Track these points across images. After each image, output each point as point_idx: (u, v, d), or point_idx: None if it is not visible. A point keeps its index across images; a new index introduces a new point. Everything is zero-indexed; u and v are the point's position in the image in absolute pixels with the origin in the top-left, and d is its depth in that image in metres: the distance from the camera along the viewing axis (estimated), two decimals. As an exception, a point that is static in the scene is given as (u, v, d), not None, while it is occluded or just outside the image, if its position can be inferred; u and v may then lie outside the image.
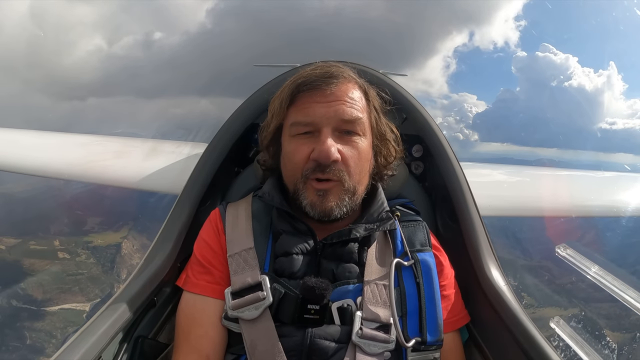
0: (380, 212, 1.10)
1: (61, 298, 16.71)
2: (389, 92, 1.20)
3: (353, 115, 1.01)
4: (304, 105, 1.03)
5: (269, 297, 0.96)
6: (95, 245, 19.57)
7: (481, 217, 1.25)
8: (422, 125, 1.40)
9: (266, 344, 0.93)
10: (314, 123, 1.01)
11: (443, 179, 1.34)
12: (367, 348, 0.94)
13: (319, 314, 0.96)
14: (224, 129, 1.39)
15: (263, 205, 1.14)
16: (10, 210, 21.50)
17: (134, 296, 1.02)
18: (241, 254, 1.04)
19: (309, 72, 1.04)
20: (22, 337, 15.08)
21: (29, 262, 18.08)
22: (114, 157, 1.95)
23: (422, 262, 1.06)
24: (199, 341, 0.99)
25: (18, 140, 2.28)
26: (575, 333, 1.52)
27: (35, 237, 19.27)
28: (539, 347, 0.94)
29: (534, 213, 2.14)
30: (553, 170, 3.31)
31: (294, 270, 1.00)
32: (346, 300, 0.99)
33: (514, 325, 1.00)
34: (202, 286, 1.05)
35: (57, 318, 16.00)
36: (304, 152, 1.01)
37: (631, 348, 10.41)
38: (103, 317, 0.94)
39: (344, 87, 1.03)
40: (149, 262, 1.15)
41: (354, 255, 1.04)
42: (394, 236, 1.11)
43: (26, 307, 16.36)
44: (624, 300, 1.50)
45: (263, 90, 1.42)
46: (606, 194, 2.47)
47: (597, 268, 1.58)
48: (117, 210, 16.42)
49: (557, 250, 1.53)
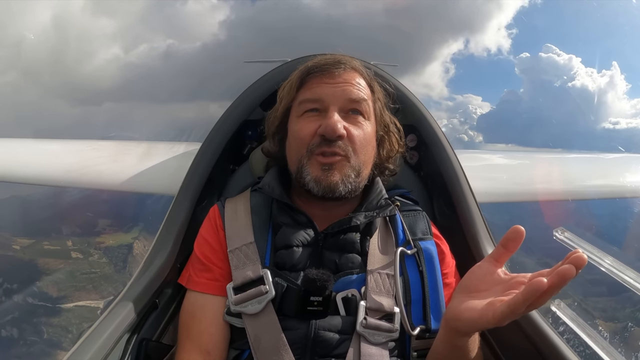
0: (379, 200, 1.11)
1: (76, 295, 17.30)
2: (383, 82, 1.21)
3: (360, 95, 1.05)
4: (312, 85, 1.07)
5: (271, 291, 0.97)
6: (107, 245, 20.11)
7: (478, 204, 1.25)
8: (415, 114, 1.40)
9: (270, 338, 0.93)
10: (322, 100, 1.04)
11: (438, 168, 1.34)
12: (371, 338, 0.95)
13: (322, 305, 0.96)
14: (217, 127, 1.39)
15: (262, 199, 1.14)
16: (22, 212, 21.90)
17: (135, 299, 1.02)
18: (241, 248, 1.04)
19: (320, 59, 1.10)
20: (40, 332, 15.69)
21: (43, 262, 18.69)
22: (108, 162, 1.94)
23: (424, 250, 1.06)
24: (200, 338, 1.00)
25: (11, 149, 2.27)
26: (577, 316, 1.53)
27: (48, 237, 19.84)
28: (541, 331, 0.95)
29: (531, 198, 2.14)
30: (549, 154, 3.32)
31: (294, 262, 1.01)
32: (350, 290, 0.99)
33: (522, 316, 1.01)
34: (202, 284, 1.05)
35: (73, 314, 16.61)
36: (311, 128, 1.03)
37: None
38: (106, 322, 0.93)
39: (351, 73, 1.08)
40: (149, 265, 1.15)
41: (356, 245, 1.04)
42: (396, 225, 1.12)
43: (42, 304, 16.91)
44: (624, 280, 1.51)
45: (255, 87, 1.41)
46: (606, 176, 2.47)
47: (597, 251, 1.59)
48: (126, 212, 16.74)
49: (555, 234, 1.53)
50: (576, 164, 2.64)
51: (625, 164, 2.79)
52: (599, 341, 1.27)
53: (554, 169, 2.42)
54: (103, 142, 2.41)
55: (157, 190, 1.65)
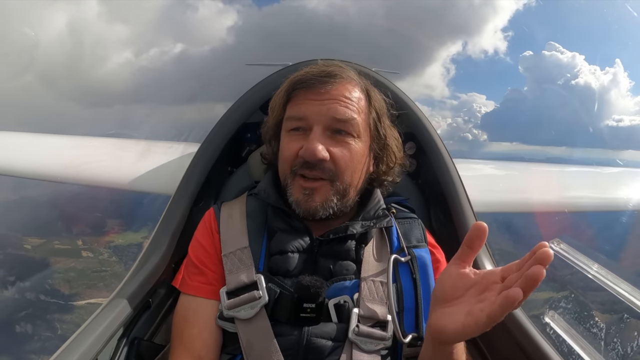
0: (377, 210, 1.10)
1: (87, 293, 17.70)
2: (382, 90, 1.20)
3: (346, 115, 1.00)
4: (298, 101, 1.03)
5: (264, 296, 0.96)
6: (117, 244, 20.50)
7: (475, 214, 1.25)
8: (414, 122, 1.40)
9: (262, 344, 0.93)
10: (306, 119, 1.01)
11: (436, 176, 1.34)
12: (363, 345, 0.95)
13: (315, 312, 0.95)
14: (216, 128, 1.39)
15: (258, 204, 1.13)
16: (32, 213, 22.23)
17: (129, 298, 1.02)
18: (236, 253, 1.03)
19: (307, 71, 1.05)
20: (54, 328, 16.02)
21: (54, 260, 18.99)
22: (107, 159, 1.94)
23: (418, 258, 1.05)
24: (192, 342, 0.99)
25: (8, 143, 2.26)
26: (570, 327, 1.53)
27: (59, 237, 20.16)
28: (534, 342, 0.95)
29: (528, 208, 2.15)
30: (547, 166, 3.33)
31: (289, 268, 1.00)
32: (343, 296, 0.99)
33: (509, 320, 1.01)
34: (195, 287, 1.04)
35: (85, 311, 17.04)
36: (294, 148, 1.01)
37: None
38: (99, 320, 0.93)
39: (341, 87, 1.02)
40: (143, 264, 1.14)
41: (351, 252, 1.03)
42: (390, 233, 1.11)
43: (54, 301, 17.28)
44: (618, 293, 1.52)
45: (254, 89, 1.41)
46: (604, 189, 2.48)
47: (591, 262, 1.59)
48: (135, 212, 17.13)
49: (551, 245, 1.53)
50: (573, 177, 2.65)
51: (622, 177, 2.81)
52: (591, 353, 1.27)
53: (551, 180, 2.43)
54: (102, 139, 2.40)
55: (154, 189, 1.65)
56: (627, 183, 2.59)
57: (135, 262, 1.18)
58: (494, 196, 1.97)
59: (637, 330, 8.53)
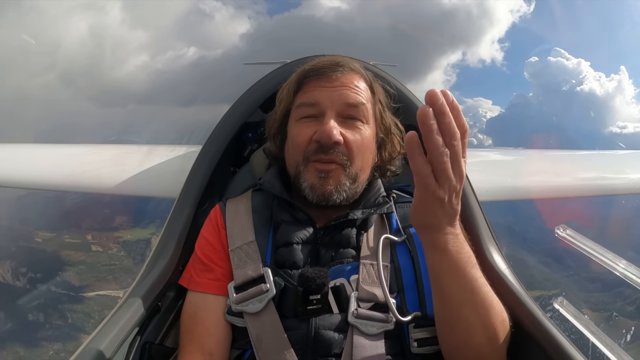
0: (377, 197, 1.11)
1: (97, 285, 18.56)
2: (383, 82, 1.21)
3: (357, 100, 1.04)
4: (309, 89, 1.06)
5: (272, 289, 0.97)
6: (125, 240, 21.02)
7: (479, 201, 1.24)
8: (415, 114, 1.39)
9: (272, 337, 0.93)
10: (318, 105, 1.03)
11: None
12: (364, 328, 0.94)
13: (320, 302, 0.95)
14: (217, 129, 1.39)
15: (263, 199, 1.14)
16: (43, 208, 22.77)
17: (138, 302, 1.02)
18: (242, 247, 1.04)
19: (317, 61, 1.09)
20: (65, 317, 16.62)
21: (65, 254, 19.54)
22: (109, 165, 1.93)
23: (414, 235, 1.04)
24: (202, 339, 1.00)
25: (10, 154, 2.27)
26: (580, 313, 1.52)
27: (69, 231, 20.69)
28: (545, 329, 0.94)
29: (532, 195, 2.13)
30: (552, 152, 3.30)
31: (295, 260, 1.01)
32: (339, 279, 0.99)
33: (518, 307, 1.00)
34: (204, 284, 1.05)
35: (94, 302, 17.79)
36: (307, 134, 1.03)
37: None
38: (109, 325, 0.93)
39: (350, 75, 1.07)
40: (151, 268, 1.15)
41: (352, 239, 1.04)
42: (390, 218, 1.12)
43: (65, 292, 17.92)
44: (625, 276, 1.51)
45: (254, 89, 1.41)
46: (611, 172, 2.44)
47: (599, 248, 1.58)
48: (143, 209, 17.64)
49: (557, 231, 1.53)
50: (579, 161, 2.62)
51: (629, 160, 2.78)
52: (602, 338, 1.26)
53: (556, 166, 2.40)
54: (104, 145, 2.41)
55: (158, 193, 1.65)
56: (633, 165, 2.56)
57: (144, 266, 1.18)
58: (498, 184, 1.96)
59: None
